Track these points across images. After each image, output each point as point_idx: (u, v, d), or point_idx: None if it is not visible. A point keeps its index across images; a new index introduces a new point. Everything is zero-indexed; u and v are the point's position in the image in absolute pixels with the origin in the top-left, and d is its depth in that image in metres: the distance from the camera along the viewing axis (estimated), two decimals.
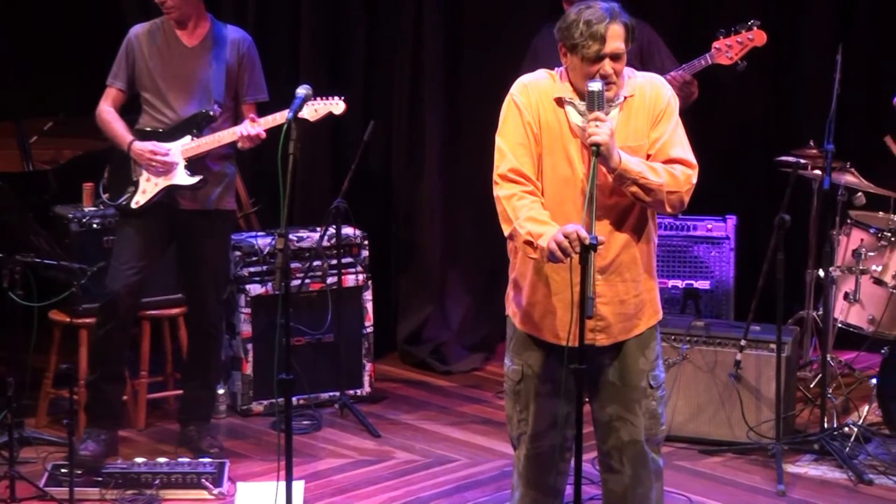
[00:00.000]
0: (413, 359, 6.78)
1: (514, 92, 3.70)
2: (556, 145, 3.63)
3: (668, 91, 3.70)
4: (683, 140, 3.67)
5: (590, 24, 3.50)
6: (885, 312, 5.73)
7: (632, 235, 3.69)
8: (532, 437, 3.82)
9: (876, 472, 5.09)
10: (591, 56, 3.53)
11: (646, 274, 3.76)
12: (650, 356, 3.80)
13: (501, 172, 3.64)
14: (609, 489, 3.91)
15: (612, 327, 3.72)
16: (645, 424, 3.80)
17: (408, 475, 5.16)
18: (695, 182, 3.64)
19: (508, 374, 3.86)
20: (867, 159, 6.22)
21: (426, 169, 6.77)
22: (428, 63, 6.72)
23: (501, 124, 3.69)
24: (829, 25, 6.84)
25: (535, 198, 3.60)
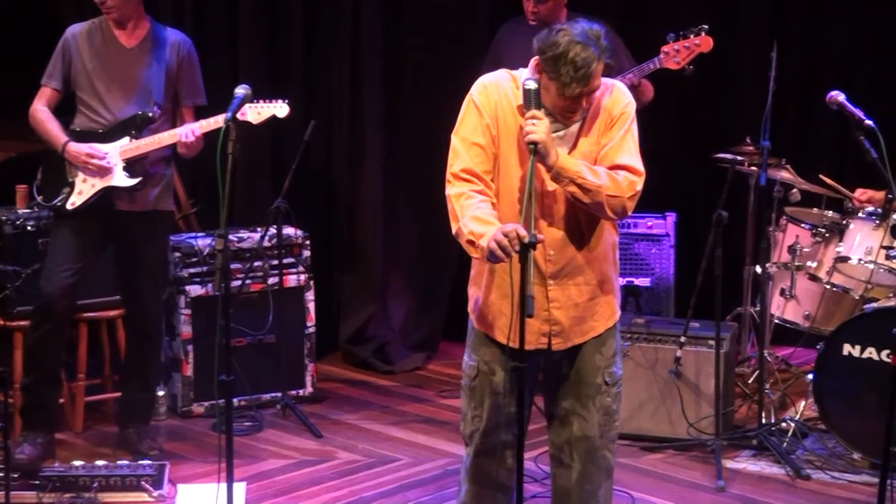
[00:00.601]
0: (355, 359, 6.77)
1: (473, 92, 3.69)
2: (512, 149, 3.63)
3: (625, 99, 3.69)
4: (632, 148, 3.66)
5: (576, 67, 3.46)
6: (819, 308, 5.80)
7: (585, 240, 3.70)
8: (484, 433, 3.83)
9: (813, 466, 5.14)
10: (572, 96, 3.52)
11: (602, 277, 3.77)
12: (607, 353, 3.82)
13: (454, 171, 3.64)
14: (558, 484, 3.93)
15: (566, 331, 3.74)
16: (598, 421, 3.82)
17: (350, 475, 5.15)
18: (639, 189, 3.64)
19: (465, 371, 3.87)
20: (802, 156, 6.30)
21: (368, 168, 6.76)
22: (367, 62, 6.70)
23: (459, 123, 3.69)
24: (765, 23, 6.91)
25: (485, 197, 3.60)
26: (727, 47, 6.95)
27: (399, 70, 6.80)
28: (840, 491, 4.93)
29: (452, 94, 6.23)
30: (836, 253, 5.53)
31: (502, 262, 3.48)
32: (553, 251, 3.67)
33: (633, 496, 4.85)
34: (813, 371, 5.24)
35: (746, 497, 4.90)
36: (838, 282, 5.62)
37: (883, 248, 5.30)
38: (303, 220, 6.06)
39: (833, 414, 5.16)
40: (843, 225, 5.57)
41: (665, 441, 5.42)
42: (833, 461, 5.16)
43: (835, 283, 5.62)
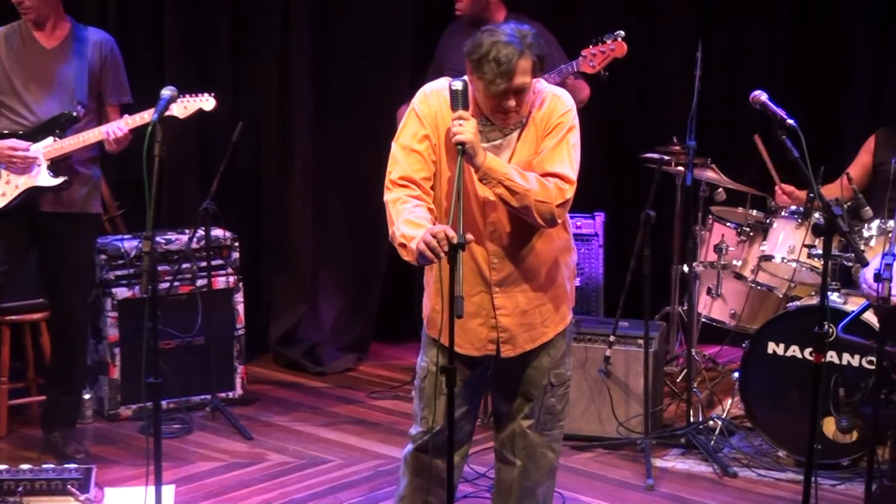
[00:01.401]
0: (286, 360, 6.74)
1: (415, 101, 3.71)
2: (453, 157, 3.62)
3: (564, 107, 3.68)
4: (566, 157, 3.65)
5: (499, 61, 3.47)
6: (745, 307, 5.88)
7: (530, 247, 3.72)
8: (429, 432, 3.84)
9: (740, 464, 5.19)
10: (498, 92, 3.52)
11: (551, 283, 3.78)
12: (555, 355, 3.85)
13: (392, 178, 3.65)
14: (500, 479, 3.99)
15: (516, 338, 3.76)
16: (542, 420, 3.86)
17: (281, 477, 5.12)
18: (569, 198, 3.64)
19: (418, 372, 3.90)
20: (727, 155, 6.37)
21: (297, 169, 6.73)
22: (296, 62, 6.67)
23: (399, 131, 3.70)
24: (690, 23, 6.99)
25: (420, 202, 3.61)
26: (653, 48, 7.04)
27: (328, 71, 6.78)
28: (766, 488, 4.98)
29: (381, 96, 6.29)
30: (760, 252, 5.61)
31: (432, 263, 3.50)
32: (497, 259, 3.69)
33: (563, 495, 4.87)
34: (739, 369, 5.31)
35: (675, 495, 4.94)
36: (763, 280, 5.70)
37: (805, 246, 5.39)
38: (231, 222, 6.01)
39: (759, 412, 5.22)
40: (767, 224, 5.64)
41: (595, 440, 5.45)
42: (759, 459, 5.21)
43: (759, 282, 5.70)
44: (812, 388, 3.79)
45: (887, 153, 5.54)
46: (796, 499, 4.23)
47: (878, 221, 5.26)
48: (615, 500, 4.89)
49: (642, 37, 6.00)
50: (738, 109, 6.57)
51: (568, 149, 3.66)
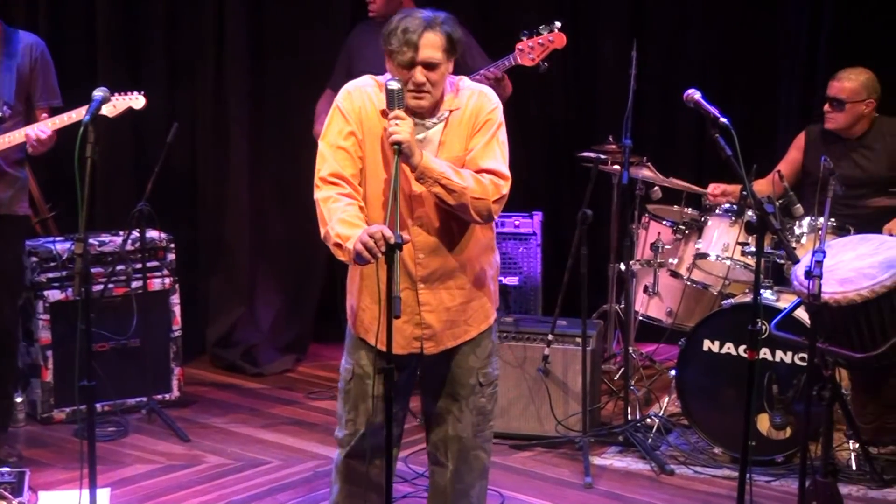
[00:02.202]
0: (223, 362, 6.70)
1: (338, 99, 3.70)
2: (378, 152, 3.65)
3: (491, 104, 3.72)
4: (498, 153, 3.69)
5: (406, 31, 3.53)
6: (681, 304, 5.93)
7: (456, 244, 3.72)
8: (359, 435, 3.84)
9: (677, 462, 5.21)
10: (405, 63, 3.55)
11: (476, 281, 3.79)
12: (481, 354, 3.85)
13: (322, 176, 3.64)
14: (434, 481, 3.98)
15: (439, 335, 3.76)
16: (472, 421, 3.86)
17: (219, 479, 5.08)
18: (505, 193, 3.67)
19: (342, 374, 3.89)
20: (663, 154, 6.42)
21: (233, 170, 6.70)
22: (231, 63, 6.64)
23: (325, 129, 3.70)
24: (624, 22, 7.04)
25: (352, 200, 3.61)
26: (589, 47, 7.08)
27: (264, 70, 6.75)
28: (702, 485, 5.02)
29: (318, 94, 6.25)
30: (695, 250, 5.66)
31: (369, 263, 3.49)
32: (423, 255, 3.69)
33: (502, 494, 4.88)
34: (675, 367, 5.34)
35: (613, 493, 4.96)
36: (698, 278, 5.75)
37: (739, 244, 5.44)
38: (167, 223, 5.98)
39: (695, 409, 5.26)
40: (702, 222, 5.70)
41: (534, 438, 5.46)
42: (696, 456, 5.25)
43: (695, 280, 5.75)
44: (746, 385, 3.83)
45: (817, 151, 5.61)
46: (732, 495, 4.26)
47: (808, 219, 5.33)
48: (554, 499, 4.90)
49: (578, 36, 6.03)
50: (673, 108, 6.62)
51: (499, 145, 3.70)
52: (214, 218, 6.79)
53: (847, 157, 5.69)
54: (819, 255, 3.88)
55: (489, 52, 5.85)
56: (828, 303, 4.12)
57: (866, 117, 5.70)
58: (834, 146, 5.71)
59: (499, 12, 7.02)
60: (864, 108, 5.67)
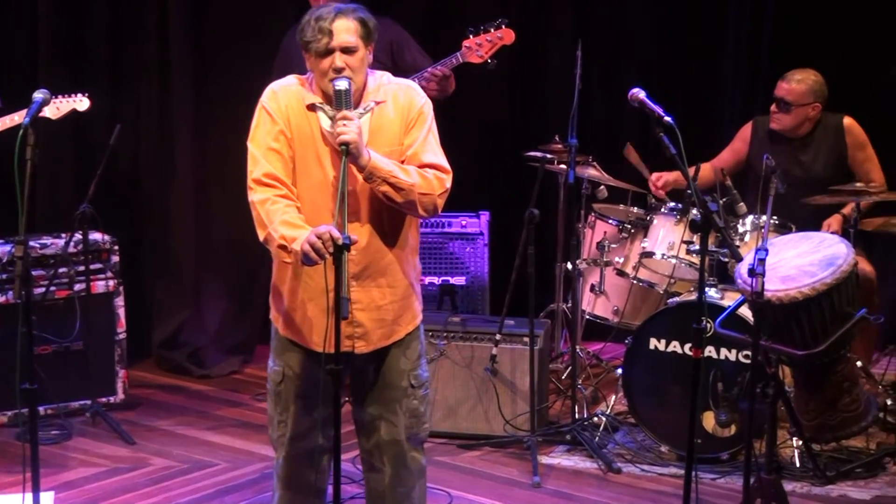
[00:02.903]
0: (169, 364, 6.66)
1: (264, 99, 3.69)
2: (308, 150, 3.63)
3: (421, 98, 3.74)
4: (436, 146, 3.72)
5: (319, 19, 3.56)
6: (627, 303, 5.96)
7: (388, 241, 3.71)
8: (292, 438, 3.82)
9: (624, 460, 5.24)
10: (321, 50, 3.57)
11: (404, 279, 3.78)
12: (411, 356, 3.84)
13: (255, 177, 3.62)
14: (371, 488, 3.95)
15: (370, 334, 3.74)
16: (406, 423, 3.84)
17: (165, 481, 5.05)
18: (449, 186, 3.69)
19: (271, 376, 3.86)
20: (609, 153, 6.45)
21: (177, 172, 6.66)
22: (175, 64, 6.60)
23: (253, 130, 3.68)
24: (569, 22, 7.07)
25: (290, 201, 3.59)
26: (534, 47, 7.10)
27: (209, 70, 6.70)
28: (649, 483, 5.04)
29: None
30: (641, 248, 5.68)
31: (316, 264, 3.48)
32: (355, 251, 3.66)
33: (450, 494, 4.88)
34: (622, 366, 5.37)
35: (561, 492, 4.97)
36: (644, 277, 5.78)
37: (684, 242, 5.48)
38: (111, 226, 5.93)
39: (641, 407, 5.29)
40: (648, 221, 5.72)
41: (482, 438, 5.46)
42: (642, 454, 5.27)
43: (641, 278, 5.78)
44: (692, 383, 3.86)
45: (762, 146, 5.67)
46: (678, 493, 4.29)
47: (751, 217, 5.38)
48: (502, 498, 4.91)
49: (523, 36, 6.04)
50: (619, 107, 6.66)
51: (436, 138, 3.73)
52: (159, 220, 6.75)
53: (791, 157, 5.75)
54: (762, 253, 3.91)
55: (436, 49, 5.85)
56: (770, 300, 4.15)
57: (811, 119, 5.76)
58: (778, 144, 5.77)
59: (445, 10, 7.02)
60: (811, 111, 5.73)
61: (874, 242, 6.24)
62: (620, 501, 4.87)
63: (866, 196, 5.41)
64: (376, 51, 5.92)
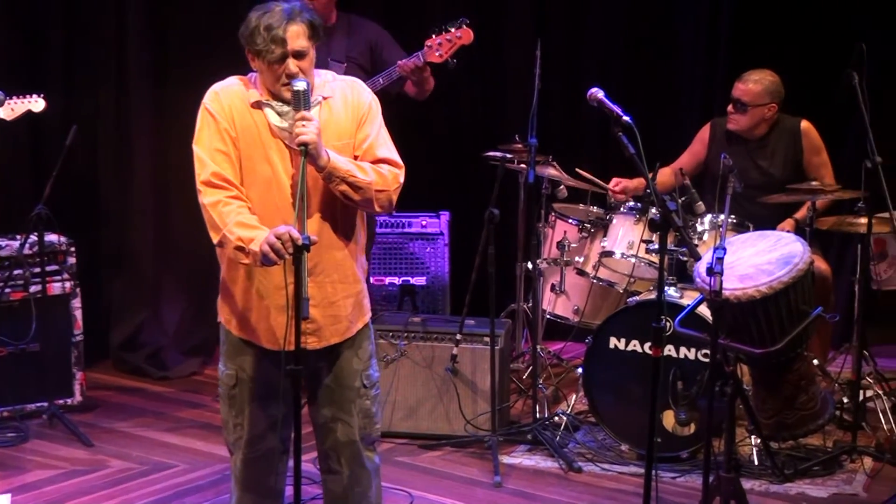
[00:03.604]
0: (128, 365, 6.62)
1: (206, 101, 3.67)
2: (255, 149, 3.61)
3: (369, 94, 3.75)
4: (388, 141, 3.73)
5: (270, 28, 3.53)
6: (587, 302, 5.97)
7: (339, 237, 3.71)
8: (249, 441, 3.81)
9: (584, 459, 5.25)
10: (276, 59, 3.55)
11: (355, 275, 3.78)
12: (363, 356, 3.83)
13: (204, 179, 3.60)
14: (329, 489, 3.94)
15: (322, 330, 3.72)
16: (360, 424, 3.83)
17: (124, 483, 5.03)
18: (402, 181, 3.70)
19: (223, 380, 3.83)
20: (568, 152, 6.47)
21: (135, 172, 6.62)
22: (133, 63, 6.56)
23: (197, 133, 3.66)
24: (528, 22, 7.08)
25: (242, 202, 3.58)
26: (494, 47, 7.11)
27: (168, 69, 6.66)
28: (610, 482, 5.06)
29: None
30: (601, 248, 5.70)
31: (276, 265, 3.47)
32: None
33: (411, 494, 4.88)
34: (582, 365, 5.38)
35: (522, 491, 4.98)
36: (604, 276, 5.80)
37: (643, 241, 5.50)
38: (68, 227, 5.88)
39: (602, 406, 5.30)
40: (607, 220, 5.74)
41: (443, 438, 5.46)
42: (603, 453, 5.29)
43: (601, 278, 5.80)
44: (651, 381, 3.87)
45: (720, 147, 5.70)
46: (638, 492, 4.30)
47: (710, 216, 5.41)
48: (463, 498, 4.91)
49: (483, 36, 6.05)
50: (578, 107, 6.68)
51: (387, 134, 3.74)
52: (117, 221, 6.70)
53: (748, 157, 5.79)
54: (720, 251, 3.92)
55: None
56: (729, 299, 4.16)
57: (768, 120, 5.80)
58: (736, 145, 5.80)
59: (405, 11, 7.01)
60: (767, 111, 5.77)
61: (830, 241, 6.31)
62: (581, 500, 4.88)
63: (822, 195, 5.46)
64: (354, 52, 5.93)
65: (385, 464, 5.12)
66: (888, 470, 5.08)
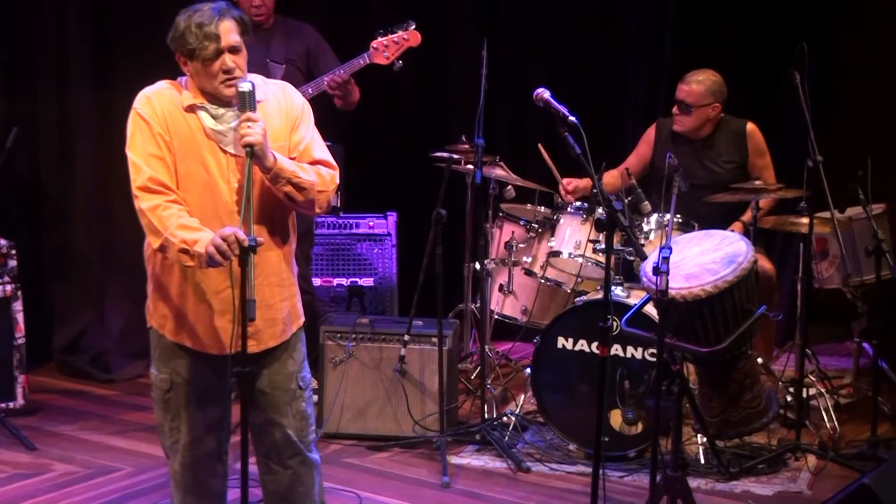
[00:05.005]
0: (71, 368, 6.57)
1: (137, 106, 3.64)
2: (190, 153, 3.59)
3: (300, 97, 3.77)
4: (322, 143, 3.75)
5: (201, 25, 3.52)
6: (536, 302, 5.99)
7: (276, 239, 3.70)
8: (187, 444, 3.79)
9: (533, 459, 5.26)
10: (210, 55, 3.53)
11: (291, 278, 3.79)
12: (298, 358, 3.84)
13: (140, 185, 3.57)
14: (270, 490, 3.93)
15: (260, 333, 3.71)
16: (297, 426, 3.83)
17: (67, 487, 4.98)
18: (338, 182, 3.72)
19: (156, 384, 3.80)
20: (515, 153, 6.49)
21: (78, 175, 6.57)
22: (75, 65, 6.50)
23: (130, 138, 3.62)
24: (474, 22, 7.09)
25: (181, 206, 3.55)
26: (440, 47, 7.11)
27: (110, 69, 6.61)
28: (558, 482, 5.07)
29: None
30: (548, 248, 5.72)
31: (221, 266, 3.46)
32: None
33: (360, 496, 4.86)
34: (530, 365, 5.39)
35: (470, 492, 4.98)
36: (551, 276, 5.81)
37: (590, 241, 5.52)
38: (8, 229, 5.82)
39: (550, 406, 5.31)
40: (555, 220, 5.76)
41: (391, 439, 5.45)
42: (551, 453, 5.30)
43: (548, 278, 5.82)
44: (598, 381, 3.88)
45: (666, 148, 5.74)
46: (586, 491, 4.31)
47: (656, 215, 5.44)
48: (412, 499, 4.90)
49: (429, 37, 6.04)
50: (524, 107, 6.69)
51: (319, 136, 3.75)
52: (60, 224, 6.65)
53: (694, 157, 5.83)
54: (666, 251, 3.94)
55: (342, 51, 5.83)
56: (675, 298, 4.19)
57: (712, 120, 5.85)
58: (682, 145, 5.85)
59: (350, 12, 7.00)
60: (711, 111, 5.81)
61: (773, 240, 6.36)
62: (529, 500, 4.89)
63: (765, 194, 5.51)
64: (293, 55, 5.91)
65: (333, 465, 5.14)
66: (831, 468, 5.13)
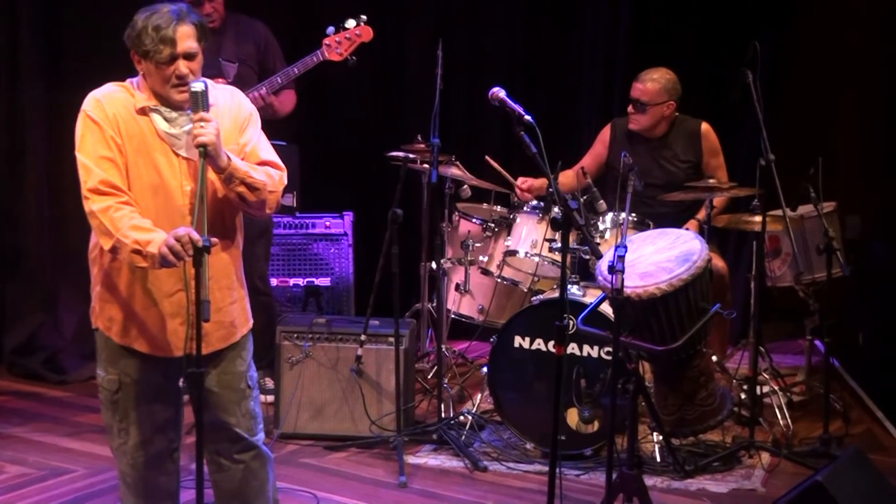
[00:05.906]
0: (23, 370, 6.52)
1: (87, 108, 3.61)
2: (141, 156, 3.57)
3: (247, 100, 3.78)
4: (269, 145, 3.76)
5: (158, 28, 3.50)
6: (492, 301, 6.00)
7: (225, 242, 3.70)
8: (136, 445, 3.78)
9: (490, 458, 5.26)
10: (165, 59, 3.51)
11: (240, 280, 3.79)
12: (246, 358, 3.85)
13: (91, 186, 3.54)
14: (222, 489, 3.93)
15: (210, 335, 3.70)
16: (248, 425, 3.84)
17: (20, 489, 4.92)
18: (286, 182, 3.73)
19: (104, 385, 3.78)
20: (471, 152, 6.49)
21: (29, 174, 6.52)
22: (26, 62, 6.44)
23: (80, 141, 3.59)
24: (430, 22, 7.09)
25: (132, 207, 3.53)
26: (395, 46, 7.11)
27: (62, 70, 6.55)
28: (515, 481, 5.07)
29: None
30: (505, 247, 5.73)
31: (174, 267, 3.44)
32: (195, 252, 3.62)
33: (317, 496, 4.85)
34: (487, 364, 5.39)
35: (427, 491, 4.97)
36: (508, 275, 5.82)
37: (546, 240, 5.54)
38: None
39: (507, 405, 5.32)
40: (511, 219, 5.77)
41: (348, 439, 5.44)
42: (508, 452, 5.30)
43: (505, 277, 5.82)
44: (555, 379, 3.89)
45: (621, 147, 5.76)
46: (543, 490, 4.31)
47: (611, 214, 5.46)
48: (369, 499, 4.89)
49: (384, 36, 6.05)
50: (480, 107, 6.70)
51: (266, 138, 3.76)
52: (9, 225, 6.59)
53: (649, 156, 5.86)
54: (621, 249, 3.96)
55: (298, 48, 5.81)
56: (630, 297, 4.21)
57: (667, 118, 5.88)
58: (637, 145, 5.88)
59: (306, 9, 6.98)
60: (666, 109, 5.85)
61: (726, 239, 6.40)
62: (486, 499, 4.89)
63: (719, 192, 5.54)
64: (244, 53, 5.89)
65: (290, 465, 5.12)
66: (785, 465, 5.17)
